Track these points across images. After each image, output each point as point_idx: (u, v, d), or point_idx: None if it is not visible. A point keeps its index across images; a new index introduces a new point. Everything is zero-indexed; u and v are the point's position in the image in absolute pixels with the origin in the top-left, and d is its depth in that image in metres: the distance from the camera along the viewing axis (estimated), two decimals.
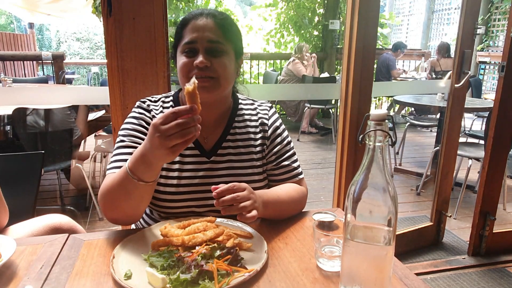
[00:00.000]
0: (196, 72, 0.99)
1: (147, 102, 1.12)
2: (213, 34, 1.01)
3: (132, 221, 1.04)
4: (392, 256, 0.69)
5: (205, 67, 0.99)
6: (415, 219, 2.89)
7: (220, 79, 1.02)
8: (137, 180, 0.88)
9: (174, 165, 1.07)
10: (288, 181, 1.15)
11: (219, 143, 1.10)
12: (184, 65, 1.01)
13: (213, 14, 1.03)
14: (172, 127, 0.78)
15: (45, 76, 5.79)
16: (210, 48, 1.00)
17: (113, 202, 0.95)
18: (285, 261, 0.86)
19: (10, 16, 12.87)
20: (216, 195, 0.86)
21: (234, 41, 1.06)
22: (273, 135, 1.15)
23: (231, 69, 1.05)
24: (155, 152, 0.82)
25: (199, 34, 1.00)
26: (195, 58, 0.99)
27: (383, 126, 0.65)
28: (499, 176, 2.28)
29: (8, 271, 0.81)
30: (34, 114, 2.58)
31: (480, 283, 2.10)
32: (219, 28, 1.02)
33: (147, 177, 0.89)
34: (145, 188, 0.90)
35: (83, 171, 2.85)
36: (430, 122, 4.69)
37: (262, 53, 7.51)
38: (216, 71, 1.00)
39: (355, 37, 1.90)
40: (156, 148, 0.81)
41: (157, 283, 0.74)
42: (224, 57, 1.02)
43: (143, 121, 1.07)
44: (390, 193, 0.66)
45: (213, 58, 1.00)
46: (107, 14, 1.46)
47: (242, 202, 0.87)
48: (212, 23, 1.02)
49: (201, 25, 1.01)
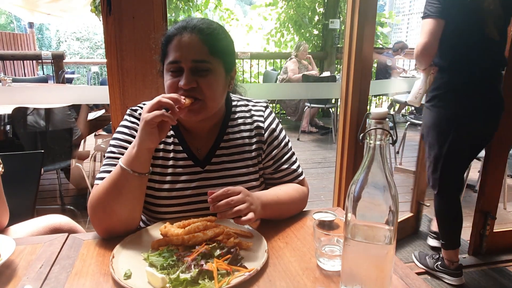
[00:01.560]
0: (182, 93, 0.95)
1: (138, 110, 1.08)
2: (198, 52, 0.95)
3: (126, 228, 0.96)
4: (393, 255, 0.69)
5: (191, 88, 0.95)
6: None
7: (207, 101, 0.97)
8: (130, 170, 0.90)
9: (167, 177, 1.05)
10: (289, 183, 1.14)
11: (213, 152, 1.08)
12: (170, 86, 0.97)
13: (198, 29, 0.96)
14: (153, 105, 0.87)
15: (45, 76, 5.78)
16: (195, 67, 0.95)
17: (104, 208, 0.93)
18: (285, 260, 0.85)
19: (10, 15, 12.87)
20: (211, 201, 0.86)
21: (222, 56, 1.00)
22: (270, 138, 1.12)
23: (219, 88, 1.00)
24: (142, 134, 0.89)
25: (183, 53, 0.95)
26: (180, 78, 0.95)
27: (383, 125, 0.65)
28: (500, 175, 2.28)
29: (8, 271, 0.81)
30: (34, 114, 2.58)
31: (481, 282, 2.10)
32: (204, 44, 0.96)
33: (137, 166, 0.91)
34: (136, 181, 0.91)
35: (83, 170, 2.85)
36: None
37: (262, 52, 7.51)
38: (202, 92, 0.96)
39: (355, 36, 1.90)
40: (142, 128, 0.88)
41: (157, 282, 0.73)
42: (210, 76, 0.97)
43: (133, 130, 1.04)
44: (391, 192, 0.66)
45: (199, 77, 0.96)
46: (107, 13, 1.46)
47: (236, 206, 0.87)
48: (197, 40, 0.95)
49: (185, 43, 0.95)
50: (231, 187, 0.89)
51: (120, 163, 0.92)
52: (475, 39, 1.80)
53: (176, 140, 1.08)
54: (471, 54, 1.82)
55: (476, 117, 1.87)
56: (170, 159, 1.06)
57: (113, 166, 0.99)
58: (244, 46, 8.15)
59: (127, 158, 0.92)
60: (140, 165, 0.91)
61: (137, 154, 0.90)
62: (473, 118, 1.87)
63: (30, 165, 1.48)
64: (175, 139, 1.08)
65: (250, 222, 0.88)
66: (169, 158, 1.06)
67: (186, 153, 1.07)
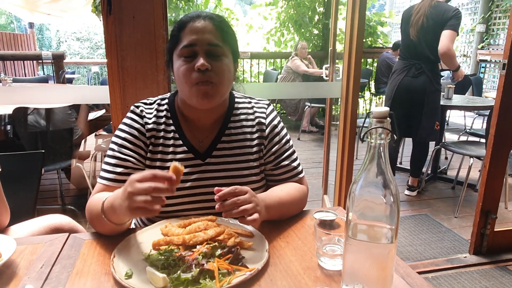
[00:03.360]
0: (196, 77, 0.97)
1: (141, 107, 1.10)
2: (213, 36, 0.99)
3: (122, 229, 0.96)
4: (394, 254, 0.69)
5: (206, 70, 0.97)
6: (416, 218, 2.88)
7: (219, 86, 1.00)
8: (106, 219, 0.88)
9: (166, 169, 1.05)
10: (289, 180, 1.14)
11: (214, 145, 1.09)
12: (186, 70, 0.98)
13: (210, 17, 1.02)
14: (142, 189, 0.77)
15: (45, 76, 5.78)
16: (210, 51, 0.99)
17: (94, 223, 0.96)
18: (286, 260, 0.85)
19: (10, 16, 12.87)
20: (218, 198, 0.85)
21: (231, 44, 1.05)
22: (271, 134, 1.13)
23: (230, 74, 1.03)
24: (121, 202, 0.81)
25: (199, 36, 0.98)
26: (195, 61, 0.98)
27: (384, 124, 0.64)
28: (501, 174, 2.27)
29: (8, 271, 0.80)
30: (34, 114, 2.58)
31: (482, 281, 2.10)
32: (217, 30, 1.00)
33: (114, 219, 0.88)
34: (115, 227, 0.90)
35: (84, 170, 2.85)
36: None
37: (262, 52, 7.49)
38: (216, 76, 0.99)
39: (355, 36, 1.90)
40: (122, 200, 0.80)
41: (157, 282, 0.73)
42: (223, 61, 1.01)
43: (133, 128, 1.06)
44: (392, 191, 0.66)
45: (213, 61, 0.99)
46: (107, 13, 1.46)
47: (243, 205, 0.86)
48: (211, 25, 1.00)
49: (199, 27, 0.99)
50: (239, 186, 0.88)
51: (101, 209, 0.88)
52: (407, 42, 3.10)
53: (176, 135, 1.09)
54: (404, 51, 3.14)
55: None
56: (170, 153, 1.07)
57: (112, 165, 1.02)
58: (244, 46, 8.14)
59: (107, 205, 0.87)
60: (116, 218, 0.88)
61: (115, 209, 0.84)
62: None
63: (30, 165, 1.48)
64: (175, 133, 1.09)
65: (254, 224, 0.87)
66: (169, 152, 1.07)
67: (186, 146, 1.07)
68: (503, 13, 7.55)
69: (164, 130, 1.09)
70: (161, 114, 1.10)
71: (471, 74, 6.24)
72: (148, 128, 1.07)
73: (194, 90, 0.99)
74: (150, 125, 1.07)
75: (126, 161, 1.03)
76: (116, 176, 1.02)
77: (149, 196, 0.77)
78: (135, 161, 1.04)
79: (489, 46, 7.78)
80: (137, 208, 0.77)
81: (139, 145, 1.06)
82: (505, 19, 7.47)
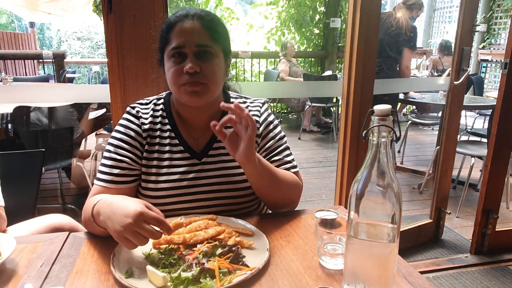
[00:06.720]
0: (186, 79, 0.97)
1: (137, 107, 1.10)
2: (201, 37, 0.98)
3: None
4: (396, 253, 0.68)
5: (195, 72, 0.97)
6: (417, 218, 2.88)
7: (209, 85, 1.00)
8: (96, 225, 0.87)
9: (163, 169, 1.06)
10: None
11: (210, 144, 1.09)
12: (176, 71, 0.98)
13: (199, 16, 1.00)
14: (144, 230, 0.76)
15: (46, 75, 5.79)
16: (198, 52, 0.98)
17: (86, 226, 0.96)
18: (287, 259, 0.85)
19: (11, 15, 12.88)
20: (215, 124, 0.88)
21: (222, 42, 1.04)
22: (265, 131, 1.13)
23: (220, 73, 1.03)
24: (113, 222, 0.79)
25: (187, 38, 0.97)
26: (184, 63, 0.97)
27: (387, 122, 0.64)
28: (502, 174, 2.27)
29: (8, 269, 0.80)
30: (35, 112, 2.57)
31: (483, 281, 2.09)
32: (206, 30, 0.99)
33: (104, 230, 0.86)
34: (105, 231, 0.87)
35: (84, 169, 2.84)
36: (432, 121, 4.67)
37: (263, 51, 7.49)
38: (206, 76, 0.98)
39: (356, 35, 1.89)
40: (117, 223, 0.78)
41: (158, 281, 0.73)
42: (213, 61, 1.00)
43: (129, 129, 1.06)
44: (394, 190, 0.65)
45: (202, 62, 0.98)
46: (108, 11, 1.45)
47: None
48: (199, 25, 0.99)
49: (188, 28, 0.98)
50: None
51: (91, 213, 0.88)
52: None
53: (172, 134, 1.08)
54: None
55: None
56: (166, 152, 1.07)
57: (109, 167, 1.02)
58: (244, 45, 8.13)
59: (97, 212, 0.86)
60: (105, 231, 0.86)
61: (105, 222, 0.83)
62: None
63: (31, 164, 1.48)
64: (171, 133, 1.09)
65: (245, 147, 0.90)
66: (165, 151, 1.07)
67: (182, 146, 1.07)
68: (504, 13, 7.54)
69: (160, 129, 1.09)
70: (157, 114, 1.10)
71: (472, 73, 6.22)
72: (145, 129, 1.07)
73: (182, 90, 0.99)
74: (146, 126, 1.07)
75: (122, 162, 1.03)
76: (113, 178, 1.01)
77: (146, 238, 0.77)
78: (132, 162, 1.04)
79: (490, 46, 7.76)
80: (126, 239, 0.77)
81: (136, 145, 1.06)
82: (506, 19, 7.45)
